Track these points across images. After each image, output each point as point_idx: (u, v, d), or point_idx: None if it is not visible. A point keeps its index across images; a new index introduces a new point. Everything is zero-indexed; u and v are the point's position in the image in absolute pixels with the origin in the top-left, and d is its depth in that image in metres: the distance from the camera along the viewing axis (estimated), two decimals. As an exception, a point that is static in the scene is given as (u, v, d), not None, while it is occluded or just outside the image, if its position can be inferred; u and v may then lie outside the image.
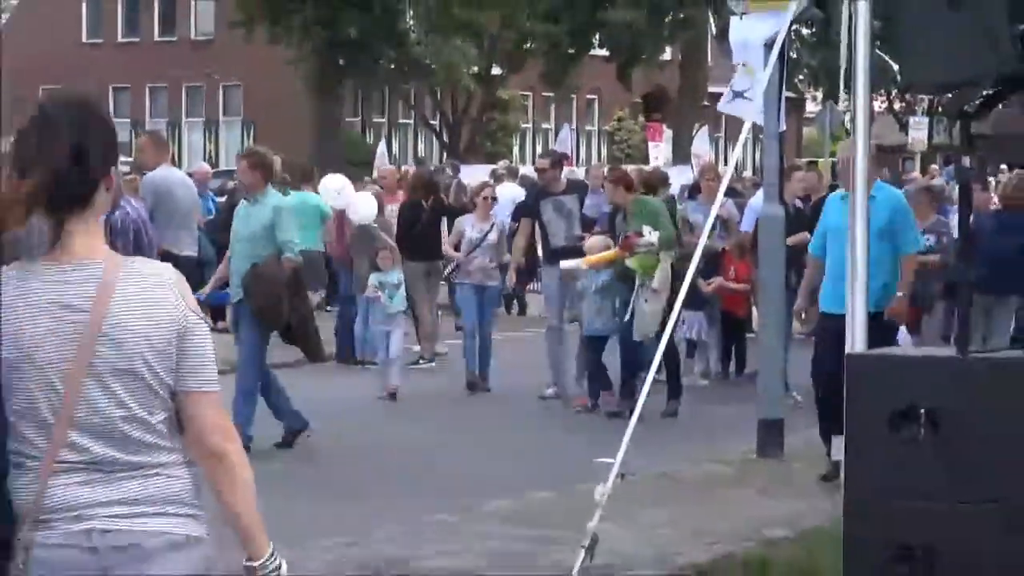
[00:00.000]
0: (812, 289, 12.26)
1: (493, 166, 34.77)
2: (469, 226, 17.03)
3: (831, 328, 10.48)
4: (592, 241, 15.53)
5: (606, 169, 19.70)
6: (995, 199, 21.79)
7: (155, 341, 4.09)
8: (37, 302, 4.06)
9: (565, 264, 15.88)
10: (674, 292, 14.83)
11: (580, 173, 29.33)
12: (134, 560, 4.07)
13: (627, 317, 14.84)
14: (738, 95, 13.08)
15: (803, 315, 13.08)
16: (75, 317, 4.04)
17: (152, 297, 4.11)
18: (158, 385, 4.10)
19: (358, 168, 32.67)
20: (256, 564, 4.22)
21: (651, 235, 14.61)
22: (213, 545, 4.26)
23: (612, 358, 15.40)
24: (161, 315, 4.11)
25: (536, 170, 19.26)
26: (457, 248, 17.02)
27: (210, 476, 4.20)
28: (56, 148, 4.06)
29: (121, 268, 4.13)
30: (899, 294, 11.70)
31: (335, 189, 19.24)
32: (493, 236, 16.91)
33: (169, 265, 4.34)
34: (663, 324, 14.69)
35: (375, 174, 26.99)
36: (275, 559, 4.26)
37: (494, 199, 18.13)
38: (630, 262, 14.74)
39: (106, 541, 4.04)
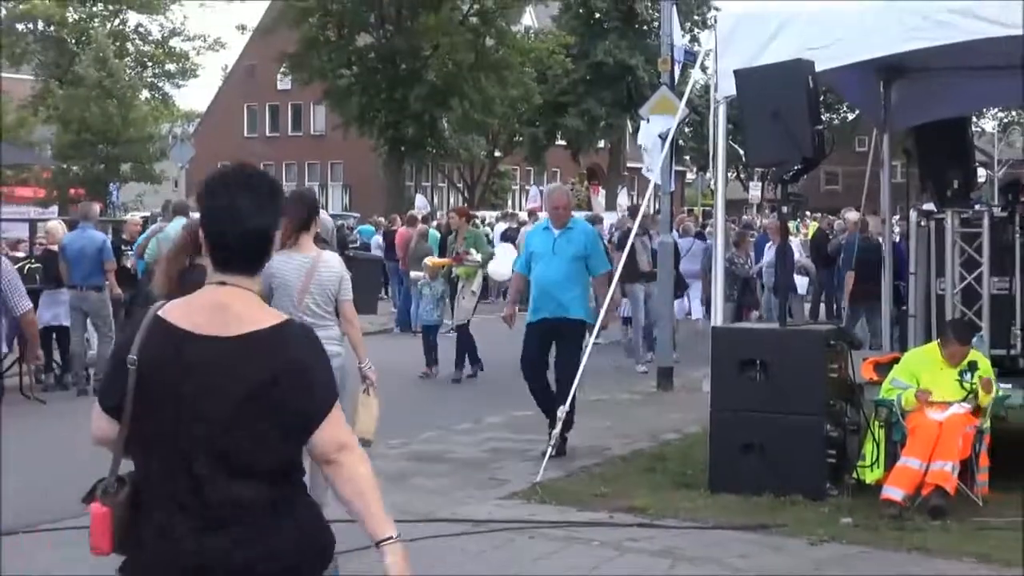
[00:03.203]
0: (518, 298, 9.91)
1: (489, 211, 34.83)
2: None
3: (534, 333, 8.98)
4: (434, 258, 14.80)
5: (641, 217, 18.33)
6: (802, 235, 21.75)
7: (333, 280, 6.19)
8: (289, 265, 6.12)
9: (414, 273, 15.01)
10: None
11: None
12: None
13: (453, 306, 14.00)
14: (650, 170, 13.03)
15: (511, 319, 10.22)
16: (302, 272, 6.13)
17: (331, 265, 6.23)
18: (332, 296, 6.19)
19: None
20: (362, 366, 6.32)
21: (476, 255, 13.83)
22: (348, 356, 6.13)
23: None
24: (334, 271, 6.22)
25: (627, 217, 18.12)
26: None
27: (345, 328, 6.23)
28: (294, 209, 6.10)
29: (321, 254, 6.23)
30: (604, 311, 8.98)
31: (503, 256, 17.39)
32: None
33: (336, 253, 6.50)
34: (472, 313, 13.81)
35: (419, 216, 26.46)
36: (368, 362, 6.33)
37: None
38: (458, 270, 13.96)
39: None
